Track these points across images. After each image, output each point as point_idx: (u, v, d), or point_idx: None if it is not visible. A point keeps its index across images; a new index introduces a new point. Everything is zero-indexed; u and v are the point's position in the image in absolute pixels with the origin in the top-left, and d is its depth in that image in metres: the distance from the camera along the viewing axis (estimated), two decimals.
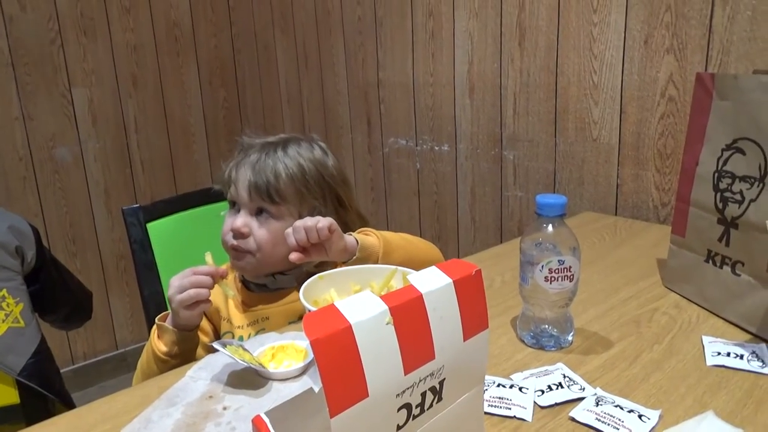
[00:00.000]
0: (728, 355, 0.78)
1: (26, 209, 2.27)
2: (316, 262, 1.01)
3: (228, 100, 2.77)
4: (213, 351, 0.83)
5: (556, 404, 0.69)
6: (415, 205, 2.04)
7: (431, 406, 0.51)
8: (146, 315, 1.29)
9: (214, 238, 1.16)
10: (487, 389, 0.71)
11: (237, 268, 1.06)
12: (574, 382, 0.73)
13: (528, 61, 1.61)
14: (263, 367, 0.78)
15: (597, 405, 0.68)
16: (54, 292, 1.35)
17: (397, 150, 2.05)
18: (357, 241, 0.95)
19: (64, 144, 2.35)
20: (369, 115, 2.13)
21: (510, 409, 0.68)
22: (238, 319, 1.05)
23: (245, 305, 1.07)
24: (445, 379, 0.51)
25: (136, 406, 0.75)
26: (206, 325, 1.06)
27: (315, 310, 0.46)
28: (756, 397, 0.70)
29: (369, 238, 0.97)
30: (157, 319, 0.96)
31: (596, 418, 0.65)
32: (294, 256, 0.90)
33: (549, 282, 0.79)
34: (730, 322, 0.88)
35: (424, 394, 0.49)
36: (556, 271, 0.79)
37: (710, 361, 0.77)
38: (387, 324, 0.46)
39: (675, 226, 1.00)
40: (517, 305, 0.91)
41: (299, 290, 0.76)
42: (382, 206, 2.16)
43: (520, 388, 0.72)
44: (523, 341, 0.85)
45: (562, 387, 0.72)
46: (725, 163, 0.89)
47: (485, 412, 0.67)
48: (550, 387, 0.72)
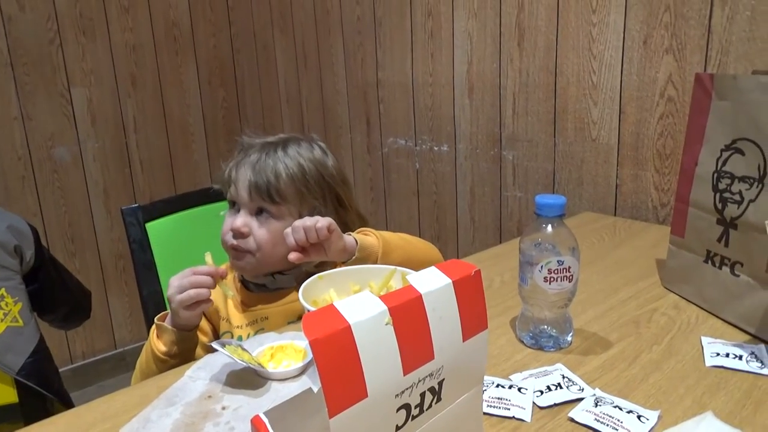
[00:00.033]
0: (727, 355, 0.78)
1: (25, 209, 2.27)
2: (316, 263, 1.01)
3: (227, 99, 2.77)
4: (212, 351, 0.83)
5: (555, 405, 0.69)
6: (415, 205, 2.04)
7: (430, 406, 0.51)
8: (145, 315, 1.29)
9: (214, 237, 1.16)
10: (486, 390, 0.71)
11: (237, 268, 1.06)
12: (573, 382, 0.73)
13: (527, 62, 1.61)
14: (262, 367, 0.78)
15: (596, 405, 0.68)
16: (53, 292, 1.35)
17: (396, 150, 2.05)
18: (356, 241, 0.95)
19: (63, 144, 2.35)
20: (368, 115, 2.13)
21: (509, 409, 0.68)
22: (237, 319, 1.05)
23: (244, 305, 1.07)
24: (444, 379, 0.51)
25: (134, 405, 0.75)
26: (205, 325, 1.06)
27: (314, 311, 0.46)
28: (755, 398, 0.70)
29: (368, 238, 0.97)
30: (156, 319, 0.96)
31: (595, 419, 0.65)
32: (293, 256, 0.90)
33: (548, 282, 0.79)
34: (729, 323, 0.88)
35: (423, 395, 0.49)
36: (556, 272, 0.79)
37: (709, 361, 0.77)
38: (386, 324, 0.46)
39: (674, 227, 1.00)
40: (516, 306, 0.91)
41: (298, 290, 0.76)
42: (381, 206, 2.16)
43: (519, 389, 0.72)
44: (522, 342, 0.85)
45: (561, 387, 0.72)
46: (724, 163, 0.89)
47: (484, 413, 0.67)
48: (549, 387, 0.72)
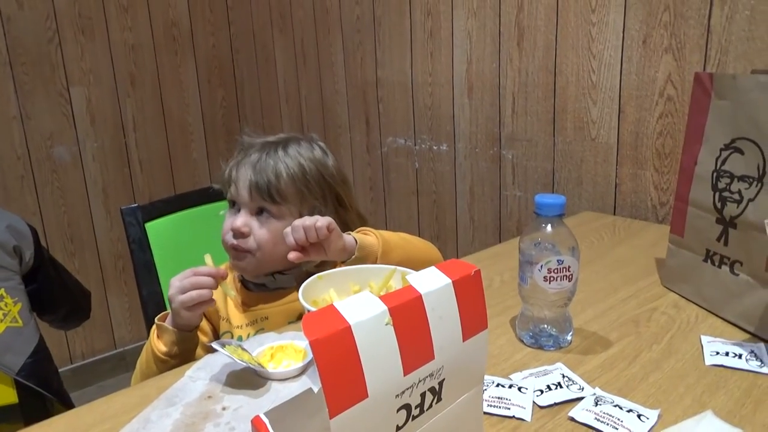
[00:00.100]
0: (727, 354, 0.78)
1: (24, 208, 2.27)
2: (316, 262, 1.01)
3: (226, 99, 2.76)
4: (212, 351, 0.83)
5: (555, 404, 0.69)
6: (414, 204, 2.04)
7: (431, 406, 0.51)
8: (145, 315, 1.28)
9: (213, 237, 1.16)
10: (486, 389, 0.72)
11: (237, 269, 1.06)
12: (573, 381, 0.73)
13: (526, 61, 1.61)
14: (262, 367, 0.78)
15: (596, 405, 0.68)
16: (52, 292, 1.35)
17: (395, 149, 2.05)
18: (356, 240, 0.95)
19: (62, 143, 2.35)
20: (367, 115, 2.13)
21: (509, 409, 0.68)
22: (237, 319, 1.05)
23: (244, 305, 1.06)
24: (444, 379, 0.51)
25: (134, 406, 0.75)
26: (205, 325, 1.06)
27: (314, 311, 0.46)
28: (754, 397, 0.70)
29: (368, 237, 0.97)
30: (156, 319, 0.95)
31: (595, 418, 0.65)
32: (293, 255, 0.90)
33: (548, 282, 0.79)
34: (728, 322, 0.88)
35: (423, 395, 0.49)
36: (555, 271, 0.79)
37: (709, 360, 0.77)
38: (386, 324, 0.46)
39: (674, 226, 1.00)
40: (516, 305, 0.91)
41: (298, 290, 0.76)
42: (380, 205, 2.16)
43: (519, 388, 0.72)
44: (522, 341, 0.85)
45: (561, 387, 0.72)
46: (724, 162, 0.89)
47: (484, 412, 0.67)
48: (549, 387, 0.72)
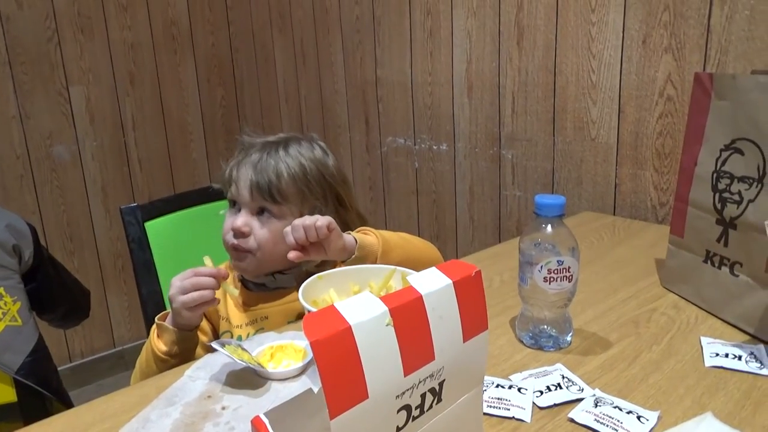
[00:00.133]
0: (726, 356, 0.78)
1: (23, 207, 2.27)
2: (316, 262, 1.01)
3: (226, 98, 2.76)
4: (212, 351, 0.83)
5: (555, 405, 0.69)
6: (414, 204, 2.04)
7: (431, 407, 0.51)
8: (144, 314, 1.28)
9: (213, 237, 1.16)
10: (486, 390, 0.71)
11: (238, 269, 1.05)
12: (572, 382, 0.73)
13: (526, 61, 1.61)
14: (262, 367, 0.78)
15: (596, 406, 0.68)
16: (51, 291, 1.35)
17: (395, 149, 2.05)
18: (356, 240, 0.95)
19: (62, 142, 2.35)
20: (367, 114, 2.13)
21: (509, 409, 0.68)
22: (237, 319, 1.05)
23: (244, 305, 1.06)
24: (444, 380, 0.51)
25: (134, 405, 0.75)
26: (205, 324, 1.06)
27: (315, 311, 0.46)
28: (754, 399, 0.70)
29: (368, 237, 0.97)
30: (156, 319, 0.95)
31: (595, 419, 0.65)
32: (293, 255, 0.90)
33: (548, 282, 0.79)
34: (728, 323, 0.88)
35: (423, 396, 0.49)
36: (555, 272, 0.79)
37: (708, 362, 0.77)
38: (387, 325, 0.46)
39: (673, 227, 1.00)
40: (515, 305, 0.91)
41: (298, 290, 0.76)
42: (380, 205, 2.16)
43: (519, 389, 0.71)
44: (521, 342, 0.85)
45: (560, 388, 0.72)
46: (724, 163, 0.89)
47: (484, 413, 0.67)
48: (549, 388, 0.72)
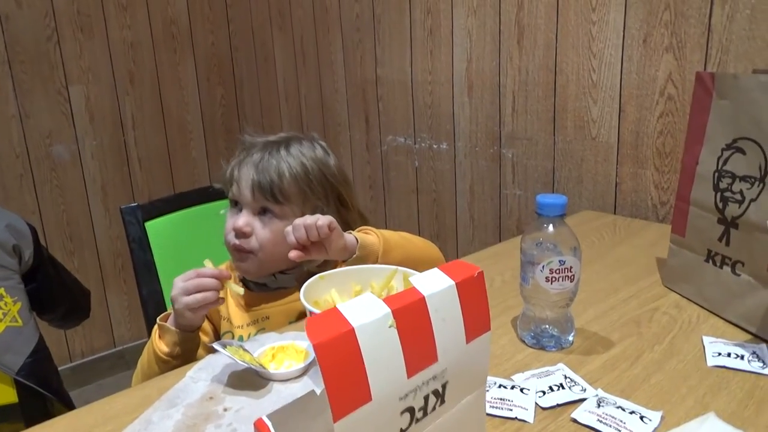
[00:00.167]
0: (729, 355, 0.78)
1: (23, 207, 2.27)
2: (318, 262, 1.01)
3: (225, 97, 2.76)
4: (213, 351, 0.82)
5: (558, 405, 0.69)
6: (414, 203, 2.03)
7: (434, 409, 0.50)
8: (145, 314, 1.28)
9: (213, 236, 1.16)
10: (488, 390, 0.71)
11: (240, 270, 1.05)
12: (575, 383, 0.73)
13: (527, 60, 1.61)
14: (264, 368, 0.78)
15: (598, 406, 0.67)
16: (52, 291, 1.35)
17: (395, 148, 2.05)
18: (357, 239, 0.94)
19: (61, 141, 2.35)
20: (367, 113, 2.13)
21: (511, 410, 0.68)
22: (238, 319, 1.04)
23: (245, 305, 1.06)
24: (447, 382, 0.51)
25: (135, 407, 0.75)
26: (206, 325, 1.06)
27: (318, 313, 0.46)
28: (757, 398, 0.69)
29: (369, 236, 0.97)
30: (158, 319, 0.95)
31: (598, 420, 0.65)
32: (294, 254, 0.89)
33: (550, 282, 0.79)
34: (730, 322, 0.88)
35: (426, 398, 0.49)
36: (557, 272, 0.79)
37: (711, 361, 0.77)
38: (390, 327, 0.46)
39: (675, 226, 1.00)
40: (517, 305, 0.91)
41: (300, 290, 0.76)
42: (380, 204, 2.16)
43: (522, 389, 0.71)
44: (523, 341, 0.85)
45: (563, 388, 0.72)
46: (725, 162, 0.89)
47: (486, 414, 0.67)
48: (551, 388, 0.72)
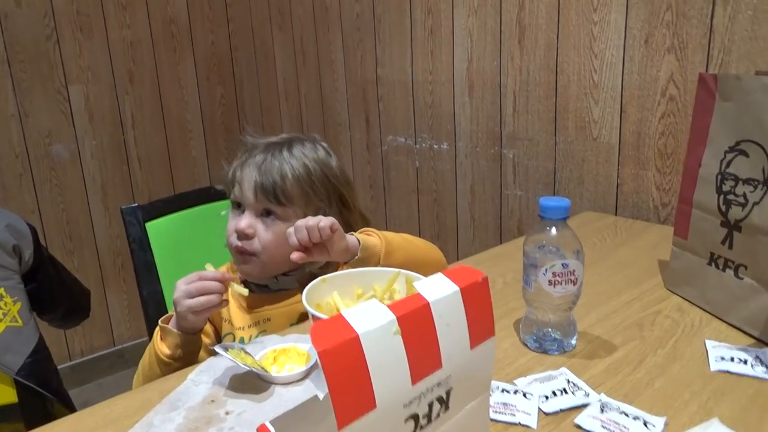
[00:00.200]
0: (732, 360, 0.77)
1: (23, 206, 2.26)
2: (321, 264, 1.00)
3: (225, 97, 2.75)
4: (215, 354, 0.82)
5: (561, 410, 0.69)
6: (414, 203, 2.03)
7: (438, 415, 0.50)
8: (145, 314, 1.28)
9: (214, 237, 1.15)
10: (491, 395, 0.71)
11: (243, 273, 1.04)
12: (578, 387, 0.73)
13: (528, 60, 1.60)
14: (265, 371, 0.78)
15: (602, 411, 0.67)
16: (52, 291, 1.34)
17: (395, 148, 2.05)
18: (359, 241, 0.94)
19: (61, 141, 2.34)
20: (367, 113, 2.12)
21: (514, 415, 0.68)
22: (240, 321, 1.04)
23: (247, 306, 1.06)
24: (452, 388, 0.50)
25: (136, 410, 0.75)
26: (207, 326, 1.05)
27: (322, 320, 0.45)
28: (760, 404, 0.69)
29: (371, 238, 0.96)
30: (160, 321, 0.95)
31: (602, 425, 0.65)
32: (296, 256, 0.89)
33: (553, 286, 0.79)
34: (733, 326, 0.88)
35: (431, 404, 0.49)
36: (560, 275, 0.78)
37: (714, 366, 0.77)
38: (394, 334, 0.46)
39: (677, 228, 1.00)
40: (519, 307, 0.91)
41: (301, 291, 0.76)
42: (380, 204, 2.16)
43: (524, 394, 0.71)
44: (526, 345, 0.85)
45: (566, 393, 0.71)
46: (728, 165, 0.89)
47: (490, 419, 0.67)
48: (554, 393, 0.71)
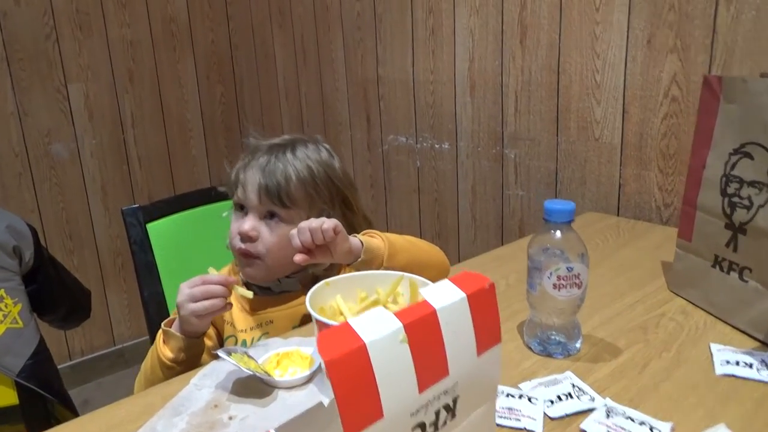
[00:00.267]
0: (737, 363, 0.77)
1: (22, 206, 2.26)
2: (325, 266, 1.00)
3: (225, 95, 2.74)
4: (218, 357, 0.82)
5: (567, 415, 0.69)
6: (415, 202, 2.03)
7: (445, 423, 0.50)
8: (146, 316, 1.28)
9: (215, 238, 1.15)
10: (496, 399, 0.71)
11: (246, 276, 1.03)
12: (583, 392, 0.72)
13: (529, 60, 1.60)
14: (269, 376, 0.77)
15: (608, 417, 0.67)
16: (52, 292, 1.34)
17: (396, 147, 2.04)
18: (362, 243, 0.94)
19: (60, 140, 2.33)
20: (368, 112, 2.12)
21: (519, 420, 0.67)
22: (242, 323, 1.03)
23: (249, 309, 1.05)
24: (458, 396, 0.50)
25: (139, 414, 0.74)
26: (210, 329, 1.05)
27: (329, 329, 0.45)
28: (767, 408, 0.69)
29: (374, 240, 0.96)
30: (163, 324, 0.94)
31: (608, 431, 0.65)
32: (299, 258, 0.89)
33: (557, 289, 0.78)
34: (737, 329, 0.88)
35: (438, 412, 0.49)
36: (565, 279, 0.78)
37: (720, 370, 0.76)
38: (401, 342, 0.45)
39: (681, 230, 0.99)
40: (523, 309, 0.90)
41: (304, 293, 0.75)
42: (381, 204, 2.15)
43: (530, 399, 0.71)
44: (530, 348, 0.85)
45: (571, 397, 0.71)
46: (733, 167, 0.88)
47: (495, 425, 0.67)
48: (559, 397, 0.71)
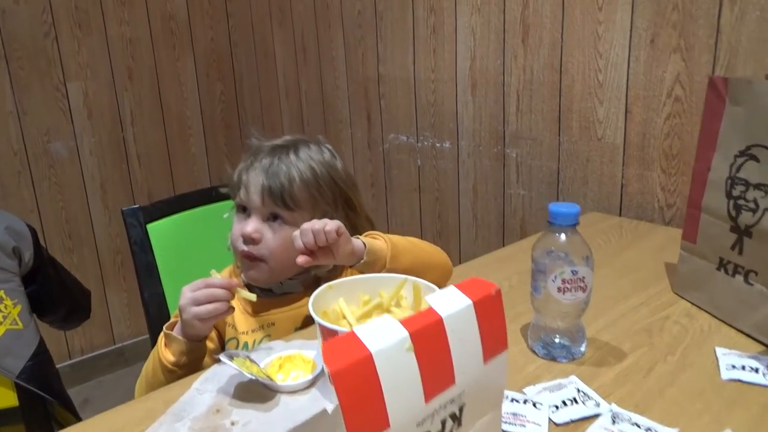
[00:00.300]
0: (743, 368, 0.76)
1: (21, 204, 2.25)
2: (328, 267, 0.99)
3: (225, 93, 2.74)
4: (219, 361, 0.81)
5: (572, 421, 0.68)
6: (416, 201, 2.02)
7: None
8: (147, 316, 1.27)
9: (216, 238, 1.14)
10: None
11: (249, 278, 1.03)
12: (588, 397, 0.72)
13: (531, 59, 1.59)
14: (271, 380, 0.77)
15: (613, 422, 0.66)
16: (52, 293, 1.34)
17: (397, 146, 2.03)
18: (365, 244, 0.93)
19: (59, 138, 2.32)
20: (369, 111, 2.11)
21: (524, 426, 0.67)
22: (244, 325, 1.03)
23: (251, 311, 1.05)
24: (465, 404, 0.50)
25: (141, 419, 0.74)
26: (212, 332, 1.04)
27: (334, 338, 0.44)
28: None
29: (377, 241, 0.95)
30: (164, 328, 0.93)
31: None
32: (301, 259, 0.88)
33: (562, 293, 0.78)
34: (742, 332, 0.87)
35: (444, 421, 0.48)
36: (570, 282, 0.78)
37: (725, 374, 0.76)
38: (407, 350, 0.45)
39: (686, 232, 0.99)
40: (526, 311, 0.90)
41: (306, 295, 0.75)
42: (382, 203, 2.14)
43: (534, 404, 0.70)
44: (534, 352, 0.84)
45: (576, 402, 0.70)
46: (738, 170, 0.88)
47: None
48: (564, 402, 0.70)
